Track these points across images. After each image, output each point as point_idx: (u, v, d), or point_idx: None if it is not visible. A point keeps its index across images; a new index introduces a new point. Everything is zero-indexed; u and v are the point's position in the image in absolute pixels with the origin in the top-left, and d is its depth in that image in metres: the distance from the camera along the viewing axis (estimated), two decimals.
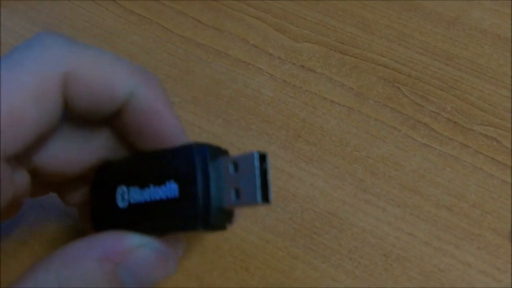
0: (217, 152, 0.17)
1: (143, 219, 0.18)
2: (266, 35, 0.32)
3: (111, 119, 0.18)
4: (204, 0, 0.34)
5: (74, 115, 0.18)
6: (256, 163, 0.17)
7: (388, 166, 0.27)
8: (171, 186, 0.17)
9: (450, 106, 0.29)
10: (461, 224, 0.25)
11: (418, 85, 0.30)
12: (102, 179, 0.20)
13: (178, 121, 0.18)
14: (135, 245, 0.17)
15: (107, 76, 0.17)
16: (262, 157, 0.17)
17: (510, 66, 0.31)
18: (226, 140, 0.28)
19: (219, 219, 0.17)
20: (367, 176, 0.26)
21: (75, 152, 0.19)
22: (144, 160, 0.18)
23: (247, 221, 0.25)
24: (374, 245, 0.24)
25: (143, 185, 0.18)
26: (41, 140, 0.18)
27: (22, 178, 0.18)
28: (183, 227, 0.17)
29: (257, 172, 0.16)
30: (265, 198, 0.17)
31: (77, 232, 0.24)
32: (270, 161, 0.16)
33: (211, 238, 0.24)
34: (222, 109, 0.29)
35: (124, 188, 0.18)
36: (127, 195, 0.18)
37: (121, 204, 0.18)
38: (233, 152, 0.18)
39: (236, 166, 0.17)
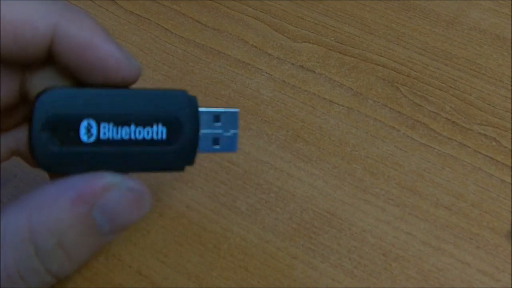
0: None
1: (116, 156, 0.18)
2: (265, 35, 0.33)
3: (50, 58, 0.18)
4: (203, 1, 0.35)
5: (2, 57, 0.17)
6: (238, 118, 0.20)
7: (387, 166, 0.27)
8: (159, 128, 0.18)
9: (449, 106, 0.29)
10: (460, 224, 0.25)
11: (417, 85, 0.30)
12: (53, 110, 0.18)
13: (116, 48, 0.18)
14: (109, 184, 0.17)
15: (25, 16, 0.17)
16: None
17: (509, 66, 0.31)
18: None
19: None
20: (366, 176, 0.26)
21: (15, 95, 0.18)
22: (117, 96, 0.18)
23: (246, 220, 0.25)
24: (373, 244, 0.24)
25: (121, 123, 0.18)
26: None
27: None
28: (168, 167, 0.19)
29: (238, 126, 0.20)
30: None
31: None
32: (269, 161, 0.18)
33: (210, 238, 0.24)
34: None
35: (92, 121, 0.18)
36: (95, 130, 0.18)
37: (85, 139, 0.18)
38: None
39: (216, 118, 0.20)
